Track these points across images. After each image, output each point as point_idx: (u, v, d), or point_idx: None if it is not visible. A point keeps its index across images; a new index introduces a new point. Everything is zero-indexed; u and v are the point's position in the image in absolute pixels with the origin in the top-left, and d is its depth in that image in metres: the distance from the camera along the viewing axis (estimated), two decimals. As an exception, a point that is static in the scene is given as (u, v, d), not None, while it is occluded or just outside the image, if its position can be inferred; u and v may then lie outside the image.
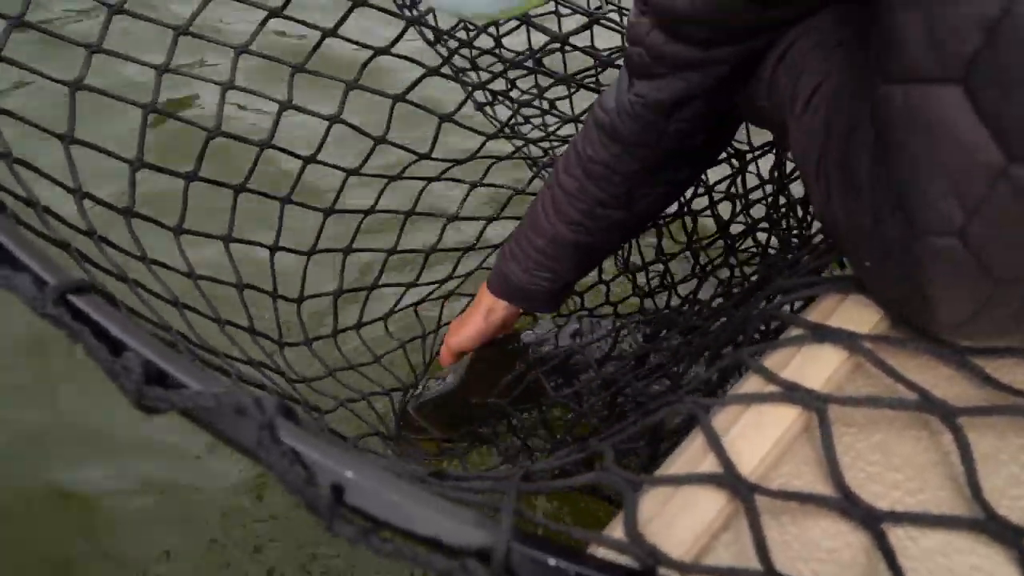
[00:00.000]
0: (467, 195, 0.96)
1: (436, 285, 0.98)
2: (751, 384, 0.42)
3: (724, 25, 0.51)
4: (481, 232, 1.00)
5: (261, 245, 0.79)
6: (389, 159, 0.88)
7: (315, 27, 0.77)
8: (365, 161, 0.85)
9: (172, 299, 0.61)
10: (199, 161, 0.71)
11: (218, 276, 0.73)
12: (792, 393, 0.39)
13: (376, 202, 0.89)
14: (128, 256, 0.61)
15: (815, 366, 0.42)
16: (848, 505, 0.33)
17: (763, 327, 0.60)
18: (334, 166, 0.83)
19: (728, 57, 0.52)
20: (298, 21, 0.76)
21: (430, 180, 0.91)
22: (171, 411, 0.35)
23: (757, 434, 0.39)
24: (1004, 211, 0.33)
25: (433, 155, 0.88)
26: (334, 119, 0.79)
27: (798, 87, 0.49)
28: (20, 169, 0.53)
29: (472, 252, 1.01)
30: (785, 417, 0.39)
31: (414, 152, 0.86)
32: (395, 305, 0.94)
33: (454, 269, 1.00)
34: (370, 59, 0.79)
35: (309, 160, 0.80)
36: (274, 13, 0.74)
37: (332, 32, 0.77)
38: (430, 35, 0.97)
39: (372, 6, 0.82)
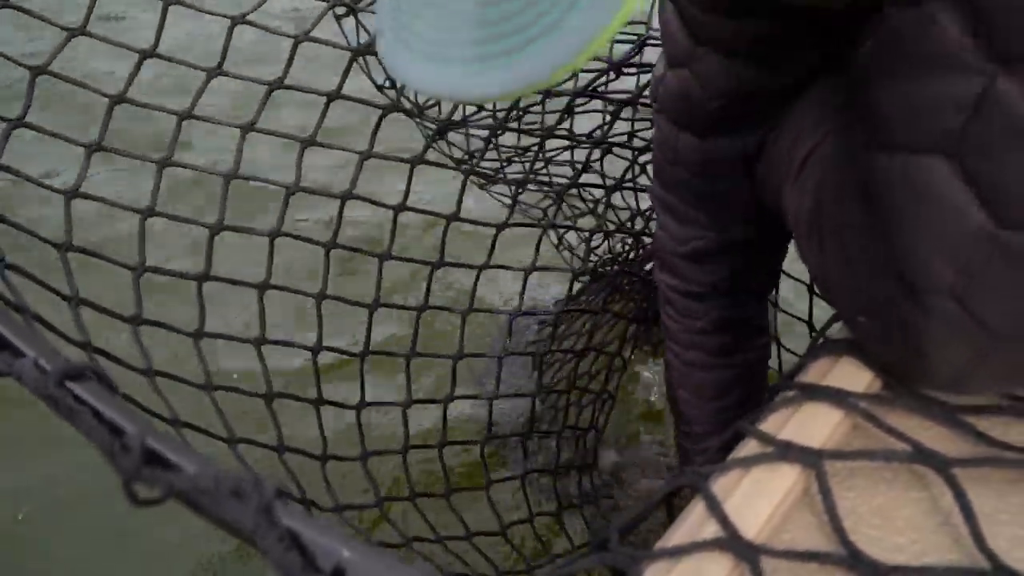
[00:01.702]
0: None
1: None
2: (749, 448, 0.42)
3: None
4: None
5: (301, 347, 0.75)
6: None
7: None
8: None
9: (172, 417, 0.59)
10: (208, 261, 0.70)
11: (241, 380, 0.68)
12: (787, 452, 0.39)
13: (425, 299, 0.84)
14: (132, 370, 0.60)
15: (812, 427, 0.42)
16: (854, 561, 0.33)
17: None
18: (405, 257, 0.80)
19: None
20: (301, 89, 0.77)
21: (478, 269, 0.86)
22: (167, 499, 0.35)
23: (758, 498, 0.38)
24: (995, 273, 0.34)
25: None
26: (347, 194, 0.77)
27: (795, 151, 0.51)
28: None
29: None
30: (785, 480, 0.39)
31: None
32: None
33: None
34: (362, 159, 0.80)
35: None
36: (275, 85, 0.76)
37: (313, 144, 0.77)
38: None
39: (347, 97, 0.79)
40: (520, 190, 0.90)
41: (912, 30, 0.34)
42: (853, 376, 0.45)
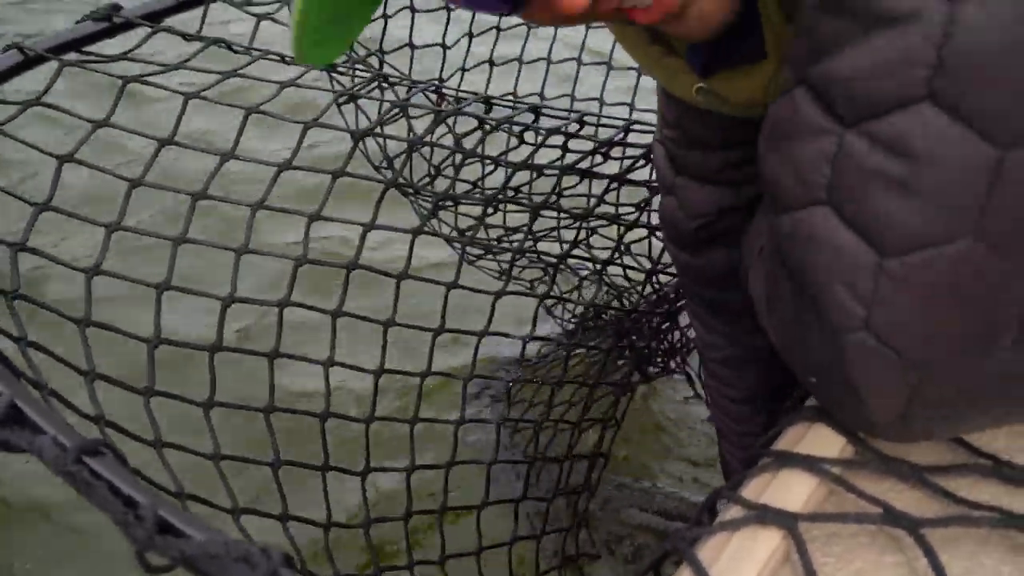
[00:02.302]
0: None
1: None
2: (732, 512, 0.44)
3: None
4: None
5: (308, 414, 0.78)
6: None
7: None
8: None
9: (178, 490, 0.60)
10: (219, 332, 0.73)
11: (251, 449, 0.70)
12: (763, 514, 0.41)
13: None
14: (142, 442, 0.62)
15: (788, 493, 0.44)
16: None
17: None
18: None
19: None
20: (310, 170, 0.82)
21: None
22: (177, 566, 0.37)
23: (743, 562, 0.40)
24: (891, 299, 0.38)
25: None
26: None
27: (754, 245, 0.55)
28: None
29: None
30: (768, 544, 0.41)
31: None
32: None
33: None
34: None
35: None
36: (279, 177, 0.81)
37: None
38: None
39: (350, 175, 0.82)
40: (513, 263, 0.94)
41: (785, 111, 0.41)
42: (825, 442, 0.47)
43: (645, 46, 0.56)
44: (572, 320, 1.47)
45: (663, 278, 1.03)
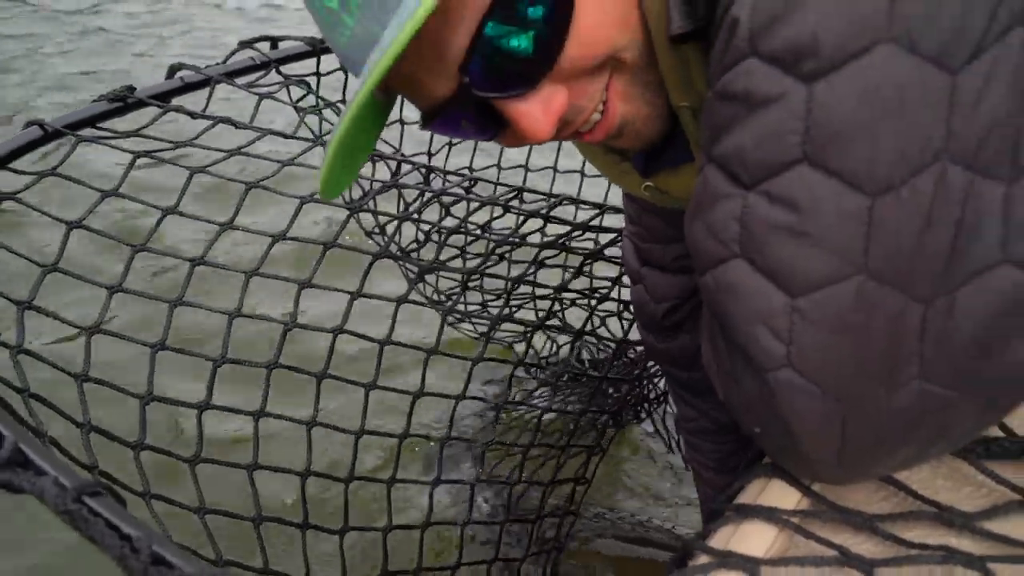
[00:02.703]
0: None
1: None
2: (699, 560, 0.47)
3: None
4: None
5: (290, 472, 0.80)
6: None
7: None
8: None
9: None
10: (209, 391, 0.76)
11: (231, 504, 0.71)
12: (728, 560, 0.44)
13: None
14: (131, 492, 0.63)
15: (751, 542, 0.47)
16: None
17: None
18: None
19: None
20: (302, 240, 0.87)
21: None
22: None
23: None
24: (806, 336, 0.42)
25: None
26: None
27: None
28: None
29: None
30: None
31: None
32: None
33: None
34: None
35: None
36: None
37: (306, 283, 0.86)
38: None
39: (341, 246, 0.87)
40: (492, 330, 0.99)
41: (700, 187, 0.47)
42: (782, 495, 0.50)
43: (602, 155, 0.68)
44: (548, 379, 1.52)
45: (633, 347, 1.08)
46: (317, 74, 1.06)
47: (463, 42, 0.44)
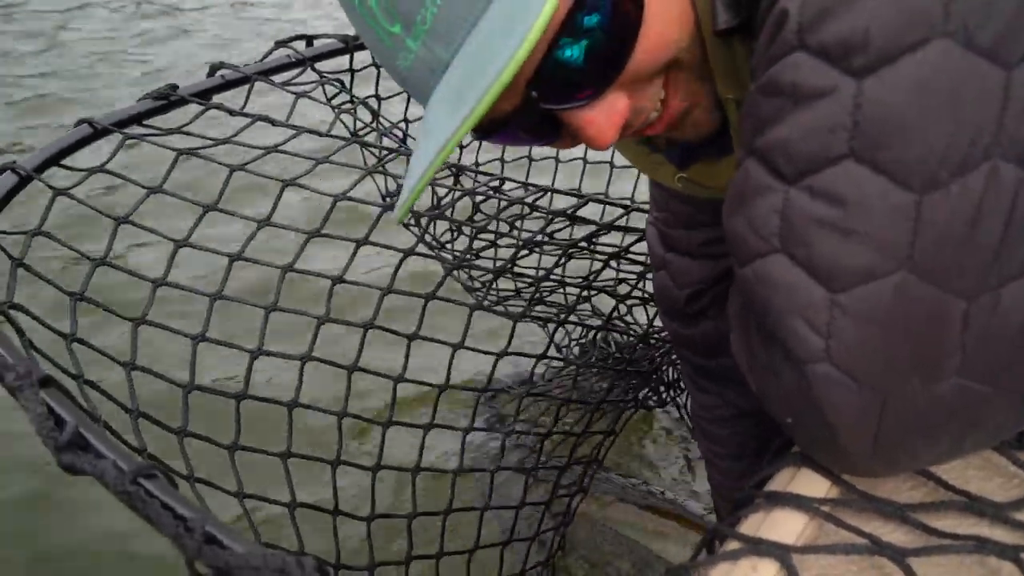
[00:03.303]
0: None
1: None
2: (728, 546, 0.47)
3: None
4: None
5: (323, 461, 0.84)
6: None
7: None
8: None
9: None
10: (246, 381, 0.79)
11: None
12: (758, 547, 0.45)
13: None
14: (177, 475, 0.67)
15: (781, 529, 0.48)
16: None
17: None
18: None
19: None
20: (335, 237, 0.89)
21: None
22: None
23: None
24: (844, 330, 0.42)
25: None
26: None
27: (734, 304, 0.61)
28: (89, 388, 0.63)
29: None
30: (764, 576, 0.44)
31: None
32: None
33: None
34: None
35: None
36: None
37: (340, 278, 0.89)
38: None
39: (373, 243, 0.90)
40: (520, 319, 1.01)
41: (740, 180, 0.47)
42: (812, 484, 0.50)
43: (633, 146, 0.68)
44: (575, 359, 1.55)
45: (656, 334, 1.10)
46: (351, 70, 1.08)
47: (535, 58, 0.45)
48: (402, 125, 1.23)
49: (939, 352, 0.42)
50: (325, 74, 1.02)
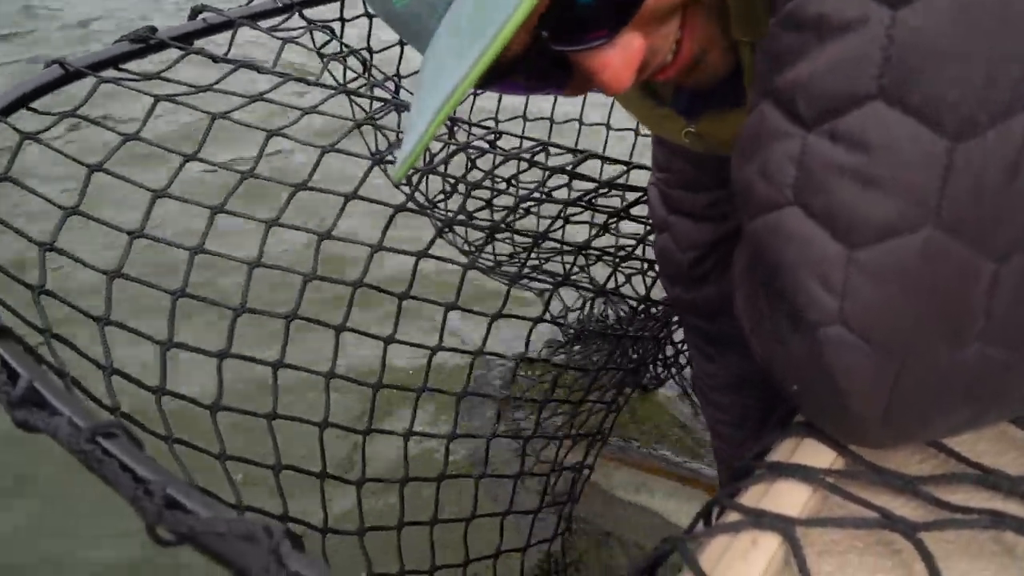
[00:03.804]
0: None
1: None
2: (728, 518, 0.45)
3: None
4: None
5: (310, 423, 0.81)
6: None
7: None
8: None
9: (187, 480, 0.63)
10: (229, 339, 0.75)
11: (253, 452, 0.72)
12: (760, 519, 0.42)
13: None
14: (153, 435, 0.64)
15: (784, 500, 0.45)
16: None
17: None
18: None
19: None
20: (323, 191, 0.86)
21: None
22: (183, 543, 0.38)
23: (741, 564, 0.41)
24: (861, 290, 0.39)
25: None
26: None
27: (739, 263, 0.58)
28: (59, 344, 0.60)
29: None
30: (766, 549, 0.42)
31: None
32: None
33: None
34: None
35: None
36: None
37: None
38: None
39: (363, 198, 0.86)
40: (515, 282, 0.98)
41: (753, 124, 0.43)
42: (817, 454, 0.47)
43: (639, 100, 0.64)
44: (571, 330, 1.52)
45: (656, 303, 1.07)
46: (341, 19, 1.03)
47: None
48: (395, 79, 1.18)
49: (963, 316, 0.39)
50: (315, 21, 0.97)
